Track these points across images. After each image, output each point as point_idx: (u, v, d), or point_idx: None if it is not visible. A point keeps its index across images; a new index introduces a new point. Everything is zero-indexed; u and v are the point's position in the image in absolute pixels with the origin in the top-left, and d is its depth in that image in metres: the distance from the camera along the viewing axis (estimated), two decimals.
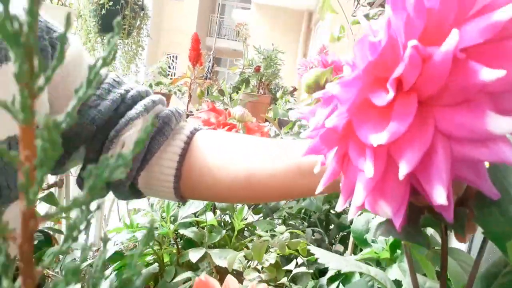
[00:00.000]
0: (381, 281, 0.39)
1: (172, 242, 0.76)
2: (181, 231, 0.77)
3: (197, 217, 0.77)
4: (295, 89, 2.16)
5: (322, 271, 0.70)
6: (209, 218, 0.73)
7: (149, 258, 0.78)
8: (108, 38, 0.14)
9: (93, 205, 0.15)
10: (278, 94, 1.19)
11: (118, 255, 0.74)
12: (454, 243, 0.41)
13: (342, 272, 0.48)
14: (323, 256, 0.39)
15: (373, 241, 0.60)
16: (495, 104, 0.17)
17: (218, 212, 0.80)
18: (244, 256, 0.62)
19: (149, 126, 0.13)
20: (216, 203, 0.78)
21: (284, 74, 2.10)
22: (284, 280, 0.63)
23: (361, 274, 0.52)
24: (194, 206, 0.76)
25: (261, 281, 0.59)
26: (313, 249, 0.42)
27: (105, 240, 0.14)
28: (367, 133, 0.18)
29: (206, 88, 1.92)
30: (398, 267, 0.57)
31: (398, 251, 0.60)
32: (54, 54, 0.40)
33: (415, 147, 0.17)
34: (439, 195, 0.17)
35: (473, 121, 0.17)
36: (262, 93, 2.01)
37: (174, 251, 0.77)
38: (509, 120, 0.16)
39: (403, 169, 0.17)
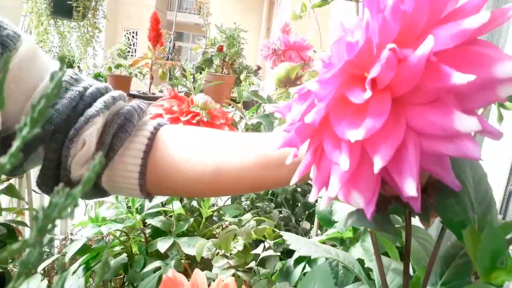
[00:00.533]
0: (349, 265, 0.41)
1: (139, 232, 0.75)
2: (149, 221, 0.77)
3: (164, 206, 0.77)
4: (259, 68, 2.14)
5: (290, 252, 0.72)
6: (176, 207, 0.73)
7: (117, 248, 0.78)
8: (58, 56, 0.13)
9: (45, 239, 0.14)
10: (242, 76, 1.18)
11: (85, 248, 0.73)
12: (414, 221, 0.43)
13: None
14: (294, 242, 0.40)
15: (336, 221, 0.62)
16: (461, 104, 0.19)
17: (185, 200, 0.80)
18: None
19: (97, 165, 0.13)
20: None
21: (248, 51, 2.08)
22: (253, 264, 0.64)
23: None
24: (158, 196, 0.76)
25: (230, 267, 0.60)
26: (284, 235, 0.43)
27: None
28: (344, 129, 0.19)
29: (168, 70, 1.88)
30: (361, 247, 0.59)
31: (361, 229, 0.62)
32: (5, 52, 0.38)
33: (388, 143, 0.19)
34: (410, 188, 0.18)
35: (442, 120, 0.18)
36: (226, 73, 1.99)
37: (143, 240, 0.77)
38: (474, 120, 0.18)
39: (378, 163, 0.18)
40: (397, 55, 0.18)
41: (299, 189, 1.03)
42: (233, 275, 0.59)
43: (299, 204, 0.97)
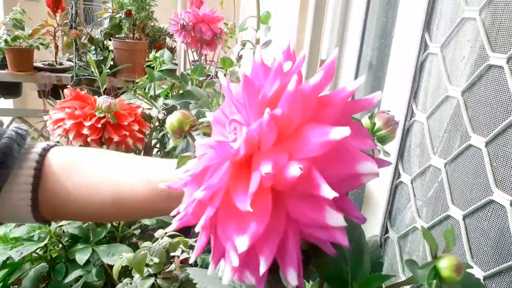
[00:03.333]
0: None
1: (55, 241, 0.74)
2: (65, 228, 0.75)
3: None
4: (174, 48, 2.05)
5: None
6: None
7: (36, 254, 0.76)
8: None
9: None
10: (151, 55, 1.13)
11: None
12: None
13: None
14: (199, 279, 0.42)
15: None
16: (337, 190, 0.21)
17: None
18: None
19: None
20: None
21: (161, 13, 1.97)
22: (172, 267, 0.67)
23: None
24: None
25: (150, 275, 0.63)
26: (191, 271, 0.45)
27: None
28: (232, 234, 0.21)
29: (74, 39, 1.73)
30: None
31: None
32: None
33: (271, 241, 0.21)
34: (292, 278, 0.22)
35: (315, 215, 0.21)
36: (138, 37, 1.89)
37: (61, 246, 0.76)
38: (341, 216, 0.21)
39: (263, 266, 0.21)
40: (274, 173, 0.20)
41: None
42: (153, 283, 0.62)
43: None
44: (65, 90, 0.80)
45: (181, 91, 1.15)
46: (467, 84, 0.48)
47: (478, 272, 0.45)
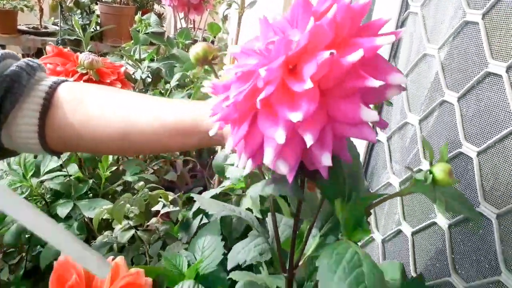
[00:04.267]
0: (246, 218, 0.46)
1: (39, 197, 0.75)
2: (47, 183, 0.76)
3: (63, 168, 0.76)
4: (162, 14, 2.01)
5: (190, 199, 0.77)
6: (73, 170, 0.73)
7: None
8: None
9: None
10: (137, 17, 1.11)
11: None
12: None
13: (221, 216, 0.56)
14: (206, 205, 0.45)
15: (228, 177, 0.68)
16: (364, 100, 0.26)
17: (84, 161, 0.80)
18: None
19: None
20: (79, 154, 0.77)
21: None
22: (153, 220, 0.68)
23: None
24: (55, 159, 0.75)
25: (130, 227, 0.64)
26: (197, 199, 0.50)
27: None
28: (286, 111, 0.25)
29: (59, 2, 1.70)
30: (250, 198, 0.66)
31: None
32: None
33: (316, 126, 0.25)
34: (327, 159, 0.26)
35: (353, 112, 0.25)
36: (125, 3, 1.86)
37: (43, 204, 0.77)
38: (374, 113, 0.25)
39: (309, 140, 0.24)
40: (333, 58, 0.24)
41: None
42: (133, 236, 0.63)
43: (204, 150, 1.01)
44: (47, 47, 0.79)
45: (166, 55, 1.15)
46: (444, 41, 0.48)
47: (443, 222, 0.47)
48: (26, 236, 0.73)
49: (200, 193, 0.74)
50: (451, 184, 0.30)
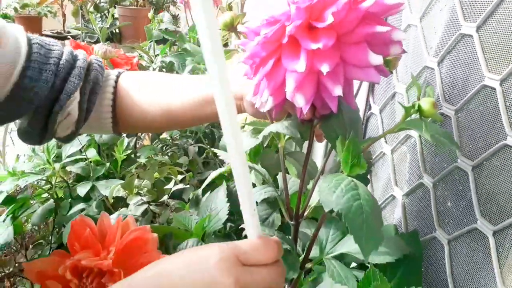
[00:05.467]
0: (261, 171, 0.50)
1: (62, 180, 0.80)
2: (69, 168, 0.82)
3: (83, 152, 0.82)
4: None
5: (202, 181, 0.82)
6: (91, 154, 0.79)
7: (45, 195, 0.83)
8: None
9: None
10: (150, 14, 1.17)
11: (10, 199, 0.78)
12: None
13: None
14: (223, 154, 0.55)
15: None
16: (371, 46, 0.31)
17: (102, 146, 0.85)
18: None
19: None
20: (97, 139, 0.83)
21: None
22: (165, 198, 0.73)
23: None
24: (75, 144, 0.81)
25: (143, 202, 0.69)
26: (219, 152, 0.59)
27: None
28: (308, 43, 0.30)
29: (79, 6, 1.78)
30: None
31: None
32: None
33: (331, 59, 0.30)
34: (338, 90, 0.31)
35: (363, 56, 0.31)
36: (142, 5, 1.93)
37: (66, 186, 0.82)
38: (380, 57, 0.30)
39: (325, 68, 0.30)
40: (350, 3, 0.29)
41: (216, 124, 1.11)
42: (146, 209, 0.68)
43: (217, 137, 1.06)
44: (65, 41, 0.85)
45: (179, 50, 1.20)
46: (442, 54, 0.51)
47: (427, 187, 0.50)
48: (52, 218, 0.79)
49: None
50: (435, 114, 0.34)
